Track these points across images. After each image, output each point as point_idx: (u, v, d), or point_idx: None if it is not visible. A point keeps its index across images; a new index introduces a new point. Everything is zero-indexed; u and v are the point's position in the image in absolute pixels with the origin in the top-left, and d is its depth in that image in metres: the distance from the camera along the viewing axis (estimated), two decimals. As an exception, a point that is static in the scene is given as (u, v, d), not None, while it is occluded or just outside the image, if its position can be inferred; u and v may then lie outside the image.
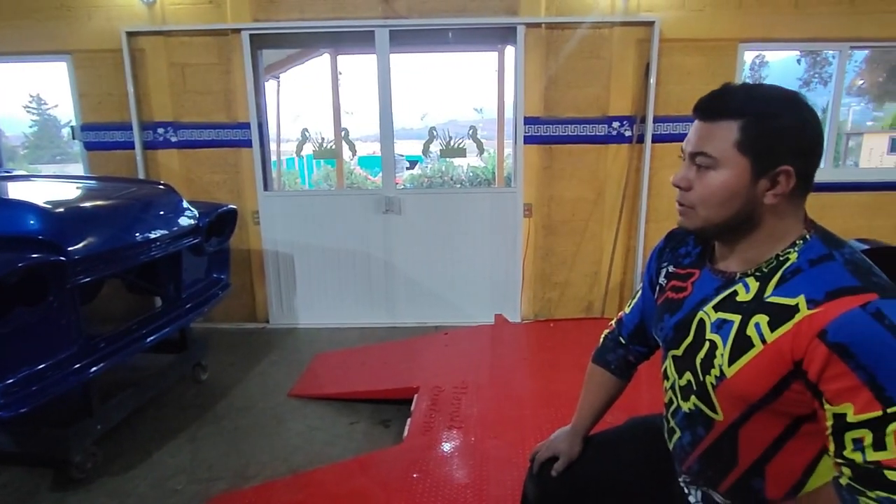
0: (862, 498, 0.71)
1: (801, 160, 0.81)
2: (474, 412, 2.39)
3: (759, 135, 0.81)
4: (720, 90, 0.86)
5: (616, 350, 1.20)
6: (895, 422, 0.70)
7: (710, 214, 0.87)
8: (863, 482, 0.72)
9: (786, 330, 0.77)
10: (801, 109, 0.82)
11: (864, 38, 3.61)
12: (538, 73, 3.60)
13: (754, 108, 0.82)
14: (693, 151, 0.88)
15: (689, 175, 0.89)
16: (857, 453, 0.72)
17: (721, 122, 0.84)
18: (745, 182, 0.83)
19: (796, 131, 0.81)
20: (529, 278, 3.95)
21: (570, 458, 1.17)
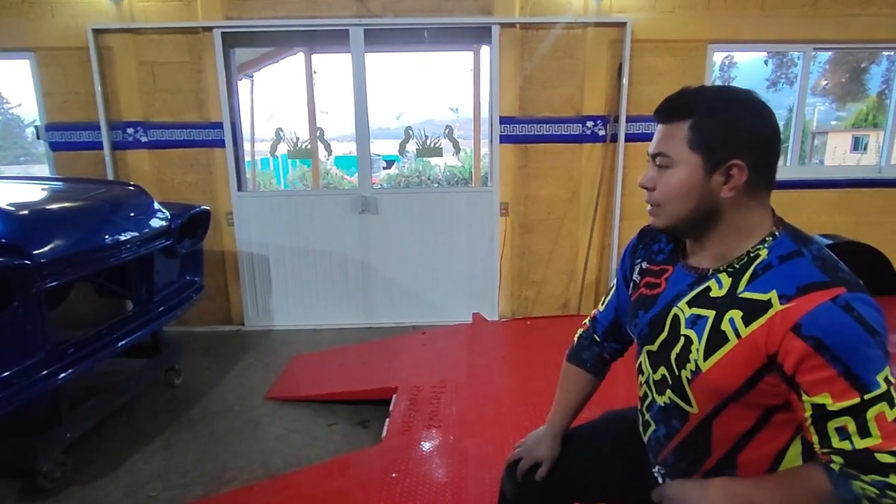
0: (856, 482, 0.73)
1: (751, 154, 0.85)
2: (453, 411, 2.40)
3: (708, 132, 0.85)
4: (675, 94, 0.91)
5: (591, 348, 1.21)
6: (873, 407, 0.73)
7: (674, 211, 0.90)
8: (856, 468, 0.74)
9: (760, 324, 0.80)
10: (749, 106, 0.86)
11: (826, 40, 3.73)
12: (513, 73, 3.62)
13: (703, 108, 0.86)
14: (653, 153, 0.92)
15: (652, 175, 0.93)
16: (846, 442, 0.74)
17: (674, 124, 0.89)
18: (699, 178, 0.87)
19: (744, 126, 0.85)
20: (507, 277, 3.98)
21: (552, 463, 1.18)
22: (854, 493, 0.73)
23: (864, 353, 0.74)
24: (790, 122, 4.24)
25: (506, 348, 3.19)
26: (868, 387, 0.73)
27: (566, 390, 1.22)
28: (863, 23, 3.65)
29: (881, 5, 3.63)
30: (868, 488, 0.73)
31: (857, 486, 0.73)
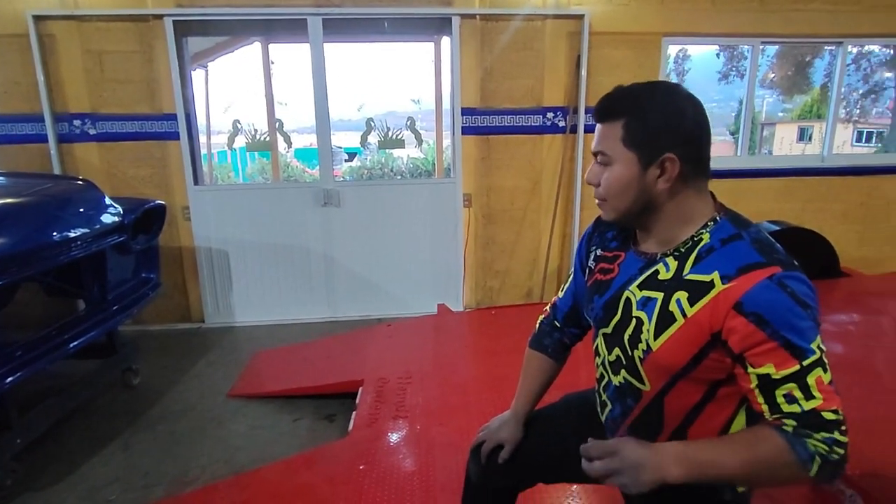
0: (809, 441, 0.79)
1: (683, 147, 0.89)
2: (419, 401, 2.42)
3: (641, 130, 0.90)
4: (609, 94, 0.95)
5: (552, 334, 1.25)
6: (811, 372, 0.80)
7: (617, 205, 0.96)
8: (808, 428, 0.80)
9: (704, 304, 0.85)
10: (679, 102, 0.91)
11: (773, 34, 3.88)
12: (474, 65, 3.64)
13: (635, 107, 0.91)
14: (594, 151, 0.97)
15: (596, 172, 0.98)
16: (795, 406, 0.80)
17: (610, 123, 0.93)
18: (636, 173, 0.91)
19: (674, 122, 0.89)
20: (471, 267, 4.01)
21: (514, 445, 1.21)
22: (809, 451, 0.79)
23: (799, 324, 0.80)
24: (740, 113, 4.41)
25: (471, 338, 3.23)
26: (805, 354, 0.80)
27: (528, 376, 1.25)
28: (806, 18, 3.82)
29: (823, 1, 3.80)
30: (820, 445, 0.79)
31: (810, 444, 0.79)
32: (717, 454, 0.83)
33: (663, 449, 0.84)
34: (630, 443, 0.85)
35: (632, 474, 0.82)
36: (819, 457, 0.78)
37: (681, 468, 0.81)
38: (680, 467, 0.81)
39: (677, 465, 0.81)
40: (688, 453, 0.83)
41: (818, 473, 0.79)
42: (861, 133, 13.24)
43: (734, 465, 0.81)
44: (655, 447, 0.84)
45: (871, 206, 4.27)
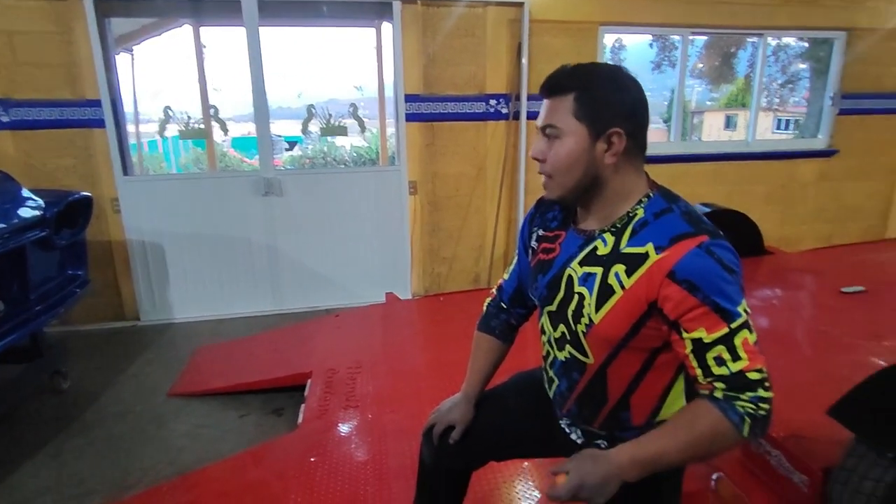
0: (737, 402, 0.85)
1: (628, 122, 0.94)
2: (370, 390, 2.41)
3: (590, 103, 0.93)
4: (557, 70, 0.98)
5: (499, 316, 1.27)
6: (738, 334, 0.85)
7: (564, 180, 0.97)
8: (735, 390, 0.86)
9: (640, 275, 0.90)
10: (623, 80, 0.95)
11: (701, 25, 4.07)
12: (417, 51, 3.61)
13: (584, 82, 0.94)
14: (543, 125, 0.98)
15: (543, 147, 0.99)
16: (723, 368, 0.86)
17: (560, 97, 0.95)
18: (586, 146, 0.94)
19: (620, 98, 0.94)
20: (418, 255, 4.01)
21: (465, 425, 1.23)
22: (738, 412, 0.85)
23: (726, 289, 0.85)
24: (672, 101, 4.60)
25: (420, 325, 3.24)
26: (733, 317, 0.85)
27: (477, 357, 1.27)
28: (730, 10, 4.02)
29: (745, -6, 4.01)
30: (747, 405, 0.85)
31: (739, 406, 0.85)
32: (662, 445, 0.88)
33: (616, 457, 0.89)
34: (586, 467, 0.89)
35: (599, 492, 0.88)
36: (748, 416, 0.85)
37: (635, 470, 0.88)
38: (634, 469, 0.88)
39: (632, 469, 0.88)
40: (637, 455, 0.88)
41: (749, 432, 0.85)
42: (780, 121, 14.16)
43: (679, 449, 0.87)
44: (608, 458, 0.89)
45: (790, 189, 4.58)
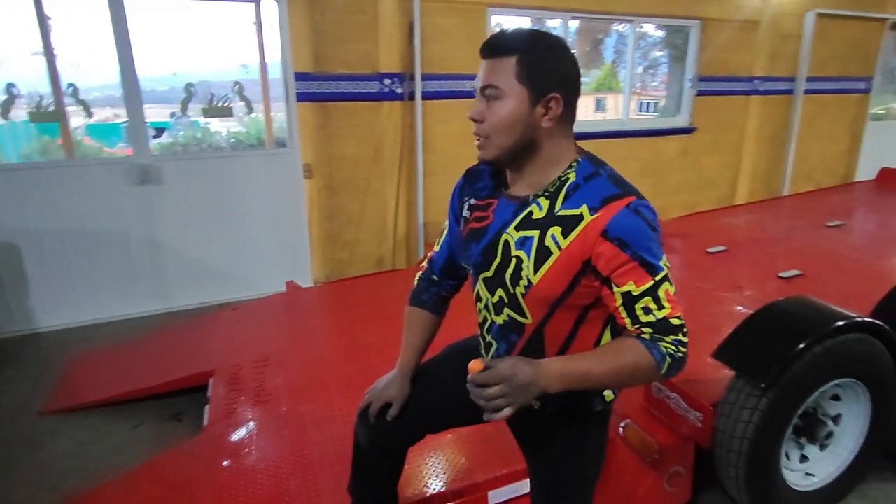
0: (661, 343, 0.94)
1: (565, 89, 0.97)
2: (281, 382, 2.30)
3: (533, 67, 0.95)
4: (498, 33, 0.99)
5: (430, 289, 1.27)
6: (661, 286, 0.93)
7: (502, 141, 0.98)
8: (660, 333, 0.94)
9: (576, 235, 0.94)
10: (562, 48, 0.98)
11: (579, 10, 4.31)
12: (306, 28, 3.44)
13: (527, 45, 0.95)
14: (483, 85, 0.98)
15: (481, 108, 0.99)
16: (650, 316, 0.94)
17: (502, 59, 0.96)
18: (526, 108, 0.96)
19: (560, 65, 0.97)
20: (317, 240, 3.88)
21: (403, 401, 1.22)
22: (661, 352, 0.93)
23: (651, 245, 0.93)
24: None
25: (328, 312, 3.14)
26: (656, 271, 0.93)
27: (410, 332, 1.26)
28: (605, -4, 4.31)
29: (617, -18, 4.31)
30: (669, 346, 0.94)
31: (662, 347, 0.93)
32: (589, 366, 0.94)
33: (546, 366, 0.92)
34: (521, 365, 0.91)
35: (520, 393, 0.89)
36: (669, 356, 0.94)
37: (561, 382, 0.92)
38: (560, 381, 0.92)
39: (558, 381, 0.92)
40: (566, 369, 0.93)
41: (667, 370, 0.95)
42: (642, 103, 15.59)
43: (603, 373, 0.94)
44: (539, 365, 0.92)
45: (659, 163, 5.05)
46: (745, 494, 1.72)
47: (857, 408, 1.83)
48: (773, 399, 1.62)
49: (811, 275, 2.87)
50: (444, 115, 4.02)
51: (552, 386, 0.92)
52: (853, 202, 4.51)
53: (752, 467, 1.67)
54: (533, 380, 0.90)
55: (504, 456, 1.71)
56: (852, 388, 1.79)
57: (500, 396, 0.88)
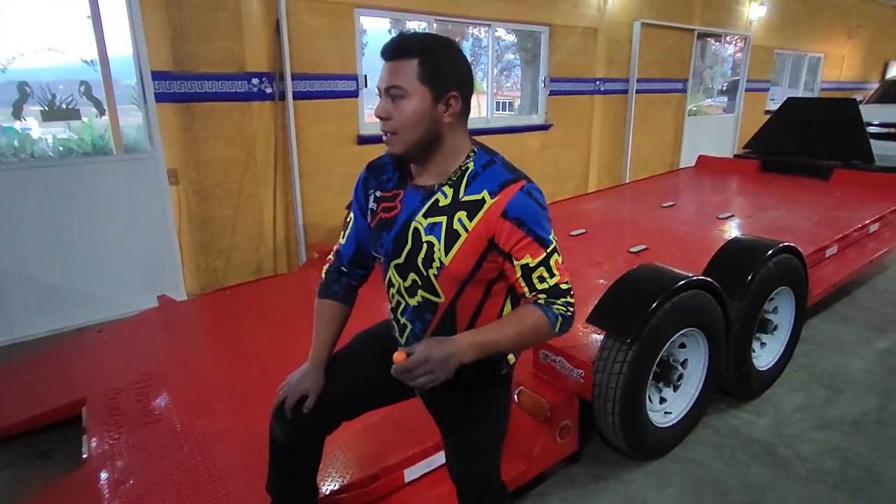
0: (553, 306, 1.08)
1: (462, 88, 1.09)
2: (170, 400, 2.17)
3: (433, 68, 1.05)
4: (399, 37, 1.08)
5: (339, 280, 1.31)
6: (552, 257, 1.08)
7: (409, 136, 1.07)
8: (553, 297, 1.09)
9: (480, 217, 1.07)
10: (457, 50, 1.09)
11: (443, 14, 4.51)
12: (161, 22, 3.21)
13: (427, 48, 1.05)
14: (387, 86, 1.06)
15: (387, 107, 1.07)
16: (544, 284, 1.08)
17: (404, 61, 1.04)
18: (429, 106, 1.06)
19: (456, 66, 1.08)
20: (189, 250, 3.65)
21: (318, 393, 1.26)
22: (555, 313, 1.09)
23: (542, 222, 1.08)
24: None
25: (210, 322, 2.98)
26: (547, 244, 1.08)
27: (322, 324, 1.30)
28: (468, 1, 4.55)
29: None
30: (560, 308, 1.09)
31: (555, 308, 1.09)
32: (497, 334, 1.08)
33: (459, 340, 1.05)
34: (433, 345, 1.03)
35: (441, 369, 1.02)
36: (560, 316, 1.09)
37: (474, 351, 1.05)
38: (473, 350, 1.05)
39: (471, 350, 1.05)
40: (476, 339, 1.06)
41: (560, 327, 1.11)
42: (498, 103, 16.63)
43: (509, 338, 1.08)
44: (452, 340, 1.05)
45: (522, 157, 5.46)
46: (621, 438, 2.00)
47: (698, 352, 2.21)
48: (637, 351, 1.91)
49: (654, 248, 3.34)
50: (317, 116, 3.99)
51: (467, 356, 1.04)
52: (680, 185, 5.28)
53: (624, 413, 1.94)
54: (448, 355, 1.02)
55: (414, 436, 1.81)
56: (694, 336, 2.15)
57: (425, 375, 1.01)
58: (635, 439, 2.04)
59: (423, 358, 1.01)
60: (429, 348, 1.02)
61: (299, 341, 2.48)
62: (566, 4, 5.32)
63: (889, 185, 4.56)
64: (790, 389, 2.65)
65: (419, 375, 1.01)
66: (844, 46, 10.12)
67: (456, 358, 1.03)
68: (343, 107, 4.13)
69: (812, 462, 2.16)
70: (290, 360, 1.33)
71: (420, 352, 1.02)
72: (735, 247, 2.47)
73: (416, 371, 1.01)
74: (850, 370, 2.83)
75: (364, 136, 4.27)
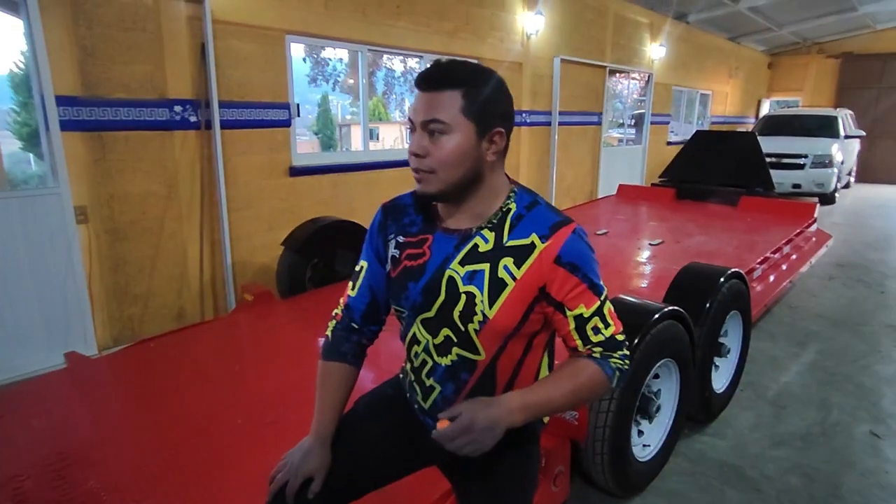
0: (611, 360, 0.99)
1: (506, 123, 0.98)
2: (97, 485, 1.81)
3: (478, 101, 0.93)
4: (437, 64, 0.96)
5: (349, 338, 1.14)
6: (605, 304, 0.99)
7: (449, 176, 0.95)
8: (609, 350, 0.99)
9: (531, 263, 0.95)
10: (500, 82, 0.98)
11: (376, 43, 4.43)
12: (67, 42, 2.83)
13: (472, 79, 0.94)
14: (425, 119, 0.93)
15: (423, 143, 0.95)
16: (599, 336, 0.98)
17: (446, 92, 0.93)
18: (473, 143, 0.94)
19: (501, 98, 0.97)
20: (99, 297, 3.20)
21: (325, 473, 1.07)
22: (612, 367, 0.99)
23: (594, 267, 0.99)
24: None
25: (134, 381, 2.58)
26: (600, 290, 0.99)
27: (329, 391, 1.11)
28: (400, 33, 4.52)
29: (407, 21, 4.56)
30: (618, 361, 1.00)
31: (612, 363, 0.99)
32: (549, 393, 0.96)
33: (508, 402, 0.93)
34: (479, 409, 0.91)
35: (487, 435, 0.90)
36: (619, 370, 1.00)
37: (524, 413, 0.93)
38: (523, 413, 0.93)
39: (521, 412, 0.93)
40: (527, 399, 0.94)
41: (617, 382, 1.01)
42: (414, 131, 16.77)
43: (563, 395, 0.97)
44: (499, 402, 0.93)
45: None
46: (609, 477, 1.94)
47: (671, 382, 2.23)
48: (623, 387, 1.86)
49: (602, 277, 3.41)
50: (246, 146, 3.71)
51: (516, 420, 0.92)
52: (607, 213, 5.51)
53: (613, 451, 1.89)
54: (496, 420, 0.91)
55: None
56: (667, 366, 2.17)
57: (469, 444, 0.90)
58: (622, 476, 1.99)
59: (468, 424, 0.89)
60: (474, 413, 0.90)
61: (243, 399, 2.23)
62: (494, 39, 5.46)
63: (788, 210, 5.05)
64: (742, 409, 2.75)
65: (463, 444, 0.89)
66: (727, 85, 11.31)
67: (504, 422, 0.91)
68: (274, 136, 3.89)
69: (778, 481, 2.23)
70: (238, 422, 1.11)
71: (465, 417, 0.89)
72: (690, 274, 2.55)
73: (460, 440, 0.89)
74: (788, 385, 3.00)
75: (297, 167, 4.04)
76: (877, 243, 6.21)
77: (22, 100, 6.25)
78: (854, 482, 2.21)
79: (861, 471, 2.28)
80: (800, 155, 8.14)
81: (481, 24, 5.31)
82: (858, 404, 2.80)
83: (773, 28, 10.52)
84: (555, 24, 6.19)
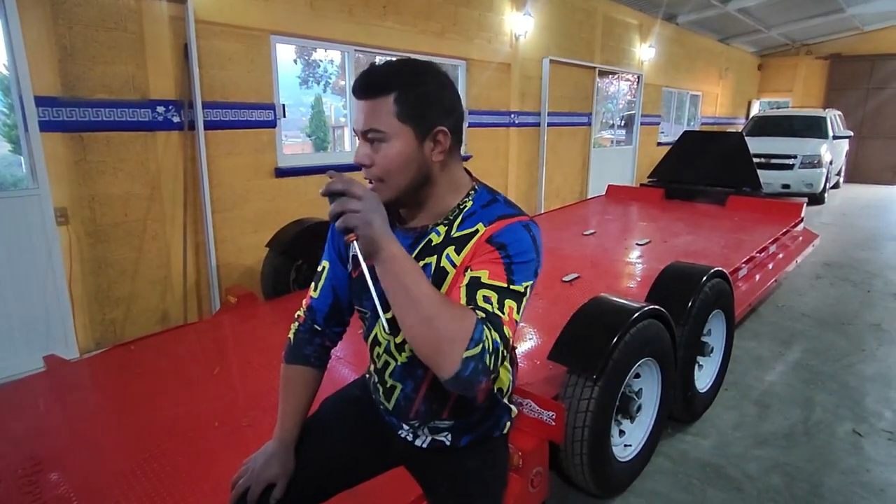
0: (486, 330, 0.82)
1: (449, 119, 0.94)
2: (69, 489, 1.79)
3: (413, 103, 0.90)
4: (369, 70, 0.92)
5: (312, 340, 1.12)
6: (509, 297, 0.86)
7: (397, 182, 0.93)
8: (491, 324, 0.83)
9: (469, 249, 0.93)
10: (439, 76, 0.95)
11: (362, 44, 4.42)
12: (46, 41, 2.81)
13: (402, 82, 0.91)
14: (364, 130, 0.92)
15: (367, 152, 0.93)
16: (487, 305, 0.85)
17: (377, 99, 0.90)
18: (414, 147, 0.92)
19: (440, 95, 0.94)
20: (81, 300, 3.17)
21: (287, 478, 1.05)
22: (482, 335, 0.81)
23: (525, 259, 0.90)
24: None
25: (113, 385, 2.56)
26: (515, 282, 0.88)
27: (292, 395, 1.09)
28: (387, 33, 4.51)
29: (393, 22, 4.56)
30: (489, 339, 0.82)
31: (486, 333, 0.82)
32: (418, 278, 0.84)
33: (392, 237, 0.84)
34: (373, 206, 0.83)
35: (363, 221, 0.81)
36: (482, 346, 0.81)
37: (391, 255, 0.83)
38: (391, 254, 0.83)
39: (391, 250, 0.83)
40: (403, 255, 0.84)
41: (468, 360, 0.80)
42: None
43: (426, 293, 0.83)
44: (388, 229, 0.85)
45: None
46: (589, 478, 1.93)
47: (652, 381, 2.22)
48: (602, 386, 1.86)
49: (586, 276, 3.40)
50: (230, 147, 3.69)
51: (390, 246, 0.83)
52: (595, 214, 5.52)
53: (592, 451, 1.88)
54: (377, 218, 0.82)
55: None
56: (648, 365, 2.16)
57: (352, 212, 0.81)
58: (602, 477, 1.98)
59: (358, 194, 0.81)
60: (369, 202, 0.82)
61: (220, 401, 2.21)
62: (481, 40, 5.45)
63: (775, 209, 5.07)
64: (725, 408, 2.75)
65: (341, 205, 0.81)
66: (717, 86, 11.37)
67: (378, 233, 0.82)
68: (259, 137, 3.87)
69: (759, 480, 2.22)
70: (214, 425, 1.10)
71: (361, 190, 0.82)
72: (672, 274, 2.55)
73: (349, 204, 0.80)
74: (772, 385, 3.00)
75: (283, 168, 4.02)
76: (865, 243, 6.24)
77: (11, 102, 6.21)
78: (835, 481, 2.21)
79: (842, 469, 2.28)
80: (789, 155, 8.19)
81: (469, 24, 5.31)
82: (841, 403, 2.80)
83: (763, 29, 10.60)
84: (544, 25, 6.21)
